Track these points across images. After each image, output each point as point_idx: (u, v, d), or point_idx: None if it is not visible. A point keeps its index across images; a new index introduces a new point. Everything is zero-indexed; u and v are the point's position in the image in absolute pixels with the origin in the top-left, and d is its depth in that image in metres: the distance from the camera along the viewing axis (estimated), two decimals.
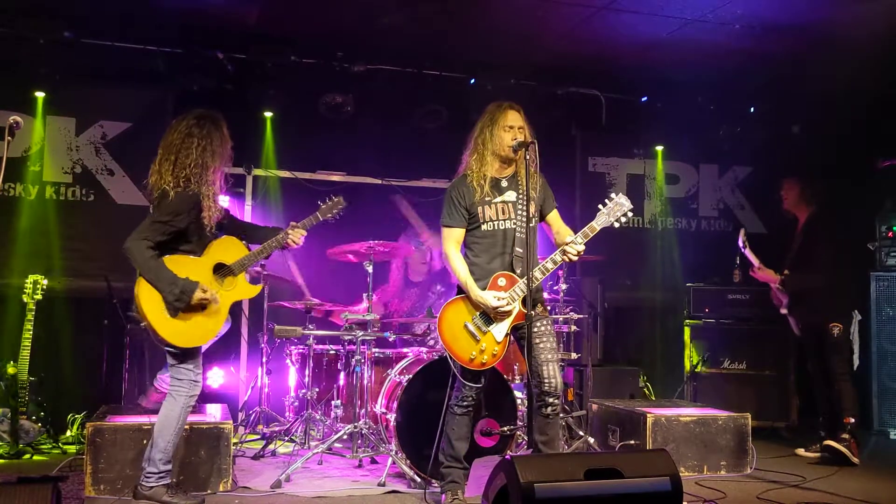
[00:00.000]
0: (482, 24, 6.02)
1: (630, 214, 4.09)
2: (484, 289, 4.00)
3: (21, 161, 6.32)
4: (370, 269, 5.26)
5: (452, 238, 4.12)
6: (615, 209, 4.05)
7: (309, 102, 6.66)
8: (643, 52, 6.50)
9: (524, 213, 4.04)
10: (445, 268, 5.71)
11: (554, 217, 4.27)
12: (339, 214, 4.47)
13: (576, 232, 4.07)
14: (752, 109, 7.55)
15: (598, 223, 4.04)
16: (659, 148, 7.94)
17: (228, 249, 4.13)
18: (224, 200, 6.58)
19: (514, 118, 4.10)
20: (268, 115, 6.89)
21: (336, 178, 7.11)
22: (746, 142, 7.68)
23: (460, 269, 4.05)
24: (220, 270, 4.06)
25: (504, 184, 4.13)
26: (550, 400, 3.96)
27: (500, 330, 4.01)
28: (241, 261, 4.11)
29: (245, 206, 6.87)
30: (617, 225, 4.08)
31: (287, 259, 6.50)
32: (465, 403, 4.12)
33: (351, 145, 7.17)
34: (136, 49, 6.25)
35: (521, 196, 4.08)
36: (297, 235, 4.22)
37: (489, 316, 4.00)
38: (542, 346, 4.00)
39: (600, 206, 4.07)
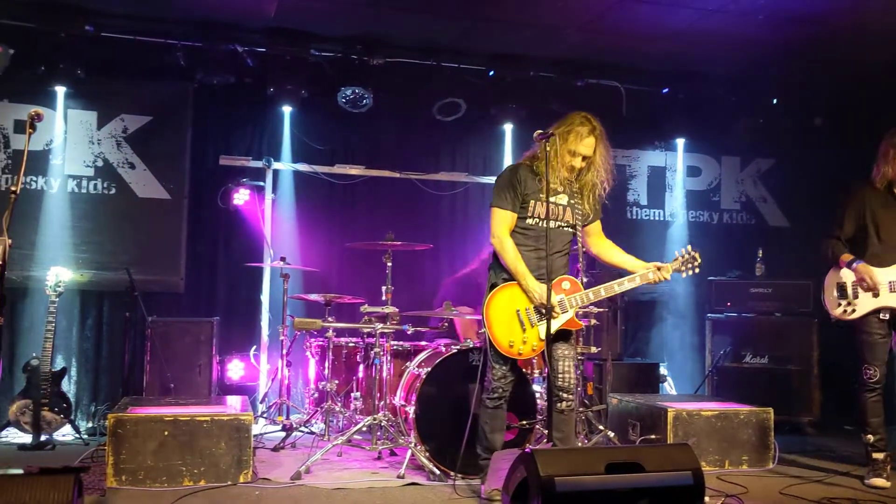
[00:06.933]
0: (501, 15, 5.98)
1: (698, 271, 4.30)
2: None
3: (43, 154, 6.38)
4: (389, 263, 5.29)
5: (506, 222, 4.09)
6: (689, 261, 4.26)
7: (328, 96, 6.66)
8: (664, 43, 6.43)
9: (579, 217, 4.12)
10: None
11: (596, 227, 4.33)
12: None
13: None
14: (774, 101, 7.45)
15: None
16: (680, 140, 7.87)
17: None
18: (244, 194, 6.69)
19: (586, 147, 4.06)
20: (287, 108, 6.89)
21: (354, 171, 7.11)
22: (769, 134, 7.59)
23: (514, 256, 4.03)
24: None
25: (559, 188, 4.14)
26: (564, 395, 3.97)
27: (547, 327, 4.00)
28: None
29: (266, 200, 6.89)
30: (684, 275, 4.30)
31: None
32: (495, 395, 4.14)
33: (369, 138, 7.19)
34: (156, 43, 6.28)
35: (573, 201, 4.13)
36: None
37: (541, 311, 3.99)
38: (560, 341, 4.05)
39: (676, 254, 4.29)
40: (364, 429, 5.03)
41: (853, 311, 4.79)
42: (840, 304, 4.85)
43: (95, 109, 6.54)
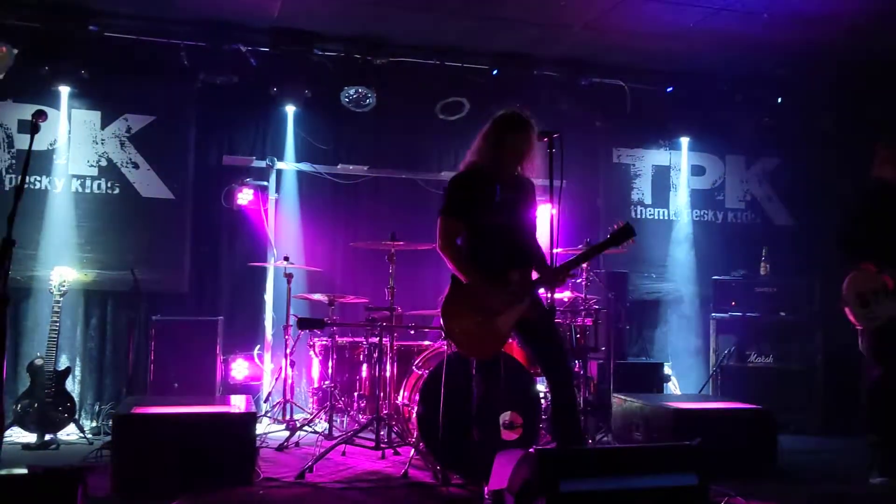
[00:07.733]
0: (504, 14, 5.98)
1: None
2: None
3: (47, 154, 6.38)
4: (392, 262, 5.30)
5: (452, 229, 4.10)
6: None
7: (331, 95, 6.66)
8: (668, 41, 6.42)
9: (527, 212, 4.14)
10: None
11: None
12: None
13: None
14: (779, 100, 7.43)
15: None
16: (684, 139, 7.84)
17: None
18: (248, 194, 6.69)
19: (525, 142, 4.10)
20: (290, 108, 6.89)
21: (357, 171, 7.10)
22: (774, 132, 7.56)
23: (463, 259, 4.04)
24: None
25: (508, 185, 4.16)
26: (563, 376, 3.96)
27: (505, 321, 4.01)
28: None
29: (269, 200, 6.89)
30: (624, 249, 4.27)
31: None
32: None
33: (373, 138, 7.18)
34: (159, 43, 6.28)
35: (521, 196, 4.14)
36: None
37: (495, 307, 3.99)
38: (537, 328, 4.04)
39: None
40: (368, 428, 5.03)
41: (878, 319, 4.63)
42: (864, 316, 4.67)
43: (99, 109, 6.54)
